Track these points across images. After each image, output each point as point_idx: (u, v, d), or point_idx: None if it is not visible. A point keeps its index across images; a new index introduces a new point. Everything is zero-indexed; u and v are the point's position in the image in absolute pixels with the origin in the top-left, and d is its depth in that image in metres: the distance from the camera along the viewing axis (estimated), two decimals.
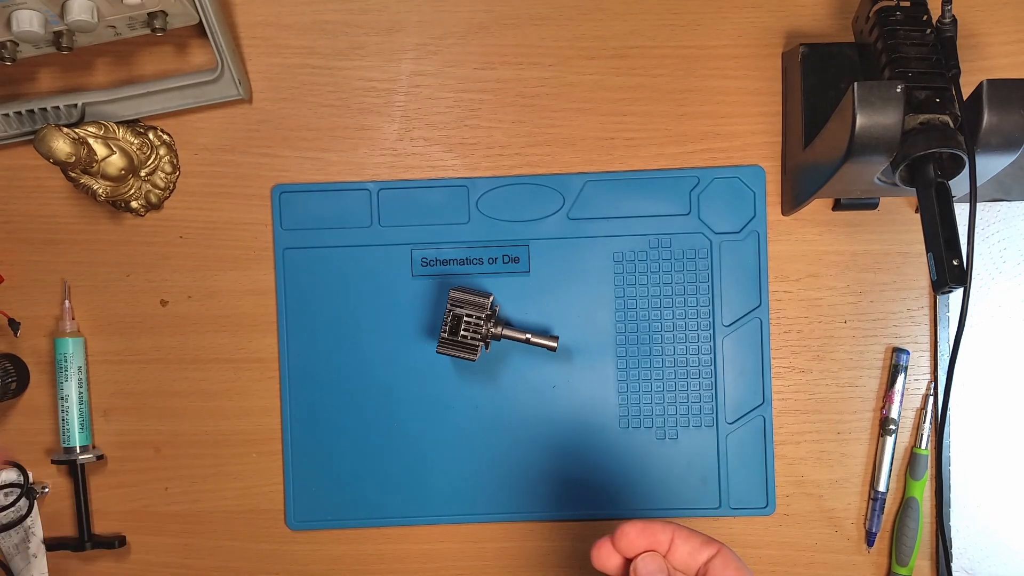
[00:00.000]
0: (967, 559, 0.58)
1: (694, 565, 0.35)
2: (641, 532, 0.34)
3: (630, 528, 0.34)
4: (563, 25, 0.58)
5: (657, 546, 0.35)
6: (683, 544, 0.34)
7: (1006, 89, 0.44)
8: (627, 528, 0.34)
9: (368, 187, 0.58)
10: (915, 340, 0.58)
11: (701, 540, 0.35)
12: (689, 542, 0.34)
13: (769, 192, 0.58)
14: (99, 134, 0.54)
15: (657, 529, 0.35)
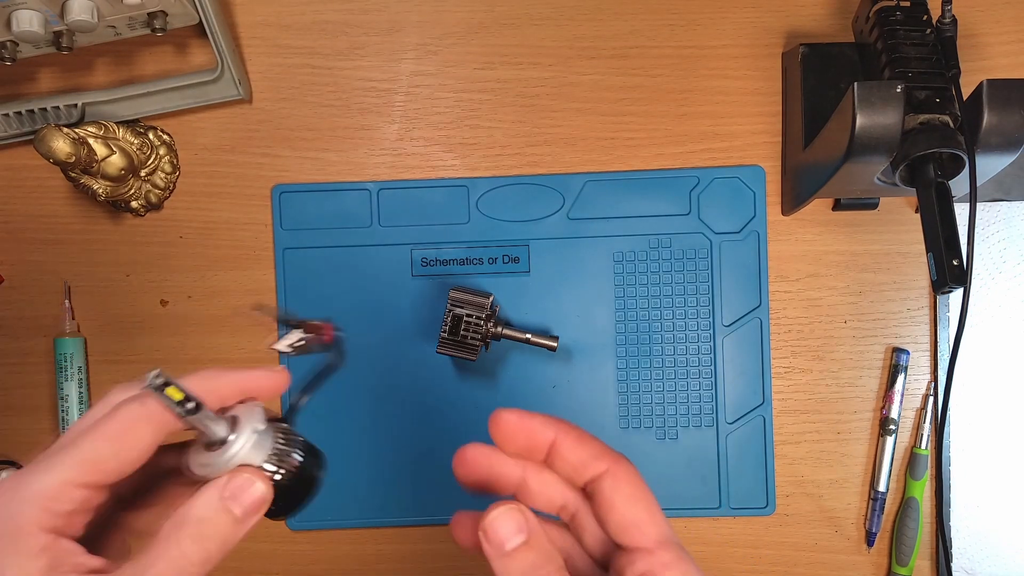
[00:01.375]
0: (967, 559, 0.58)
1: (579, 479, 0.28)
2: (519, 424, 0.28)
3: (508, 416, 0.28)
4: (563, 25, 0.58)
5: (534, 447, 0.28)
6: (569, 451, 0.28)
7: (1006, 89, 0.44)
8: (505, 415, 0.28)
9: (368, 187, 0.58)
10: (915, 340, 0.58)
11: (593, 451, 0.28)
12: (577, 451, 0.28)
13: (769, 192, 0.58)
14: (99, 134, 0.54)
15: (537, 425, 0.28)
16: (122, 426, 0.26)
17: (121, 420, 0.26)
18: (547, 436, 0.28)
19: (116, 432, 0.26)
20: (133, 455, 0.26)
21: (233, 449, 0.27)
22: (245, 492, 0.26)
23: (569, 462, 0.28)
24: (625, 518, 0.27)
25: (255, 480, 0.26)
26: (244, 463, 0.27)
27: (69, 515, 0.25)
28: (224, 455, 0.27)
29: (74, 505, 0.25)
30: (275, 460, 0.28)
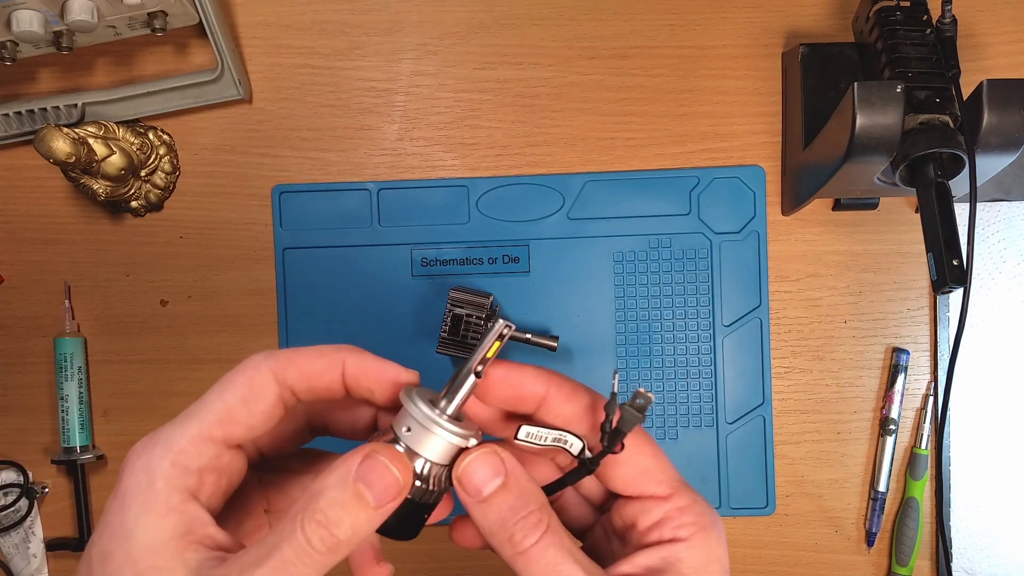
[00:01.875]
0: (967, 559, 0.57)
1: (580, 426, 0.27)
2: (506, 376, 0.27)
3: (495, 369, 0.26)
4: (563, 25, 0.58)
5: (523, 400, 0.27)
6: (564, 406, 0.26)
7: (1006, 89, 0.44)
8: (491, 369, 0.26)
9: (368, 187, 0.58)
10: (915, 340, 0.58)
11: (588, 403, 0.27)
12: (571, 405, 0.26)
13: (769, 192, 0.58)
14: (99, 134, 0.54)
15: (527, 378, 0.27)
16: (247, 377, 0.25)
17: (246, 371, 0.25)
18: (537, 390, 0.27)
19: (242, 383, 0.25)
20: (261, 406, 0.25)
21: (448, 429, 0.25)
22: (379, 475, 0.23)
23: (563, 417, 0.26)
24: (634, 468, 0.26)
25: (391, 466, 0.24)
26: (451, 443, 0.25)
27: (201, 472, 0.24)
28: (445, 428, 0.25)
29: (205, 460, 0.24)
30: (440, 470, 0.25)
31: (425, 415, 0.24)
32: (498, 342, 0.25)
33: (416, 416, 0.25)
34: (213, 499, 0.25)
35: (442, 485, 0.25)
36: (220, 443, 0.25)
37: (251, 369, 0.25)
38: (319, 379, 0.26)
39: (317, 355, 0.26)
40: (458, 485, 0.25)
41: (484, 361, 0.25)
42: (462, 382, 0.25)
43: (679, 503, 0.25)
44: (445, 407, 0.25)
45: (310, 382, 0.26)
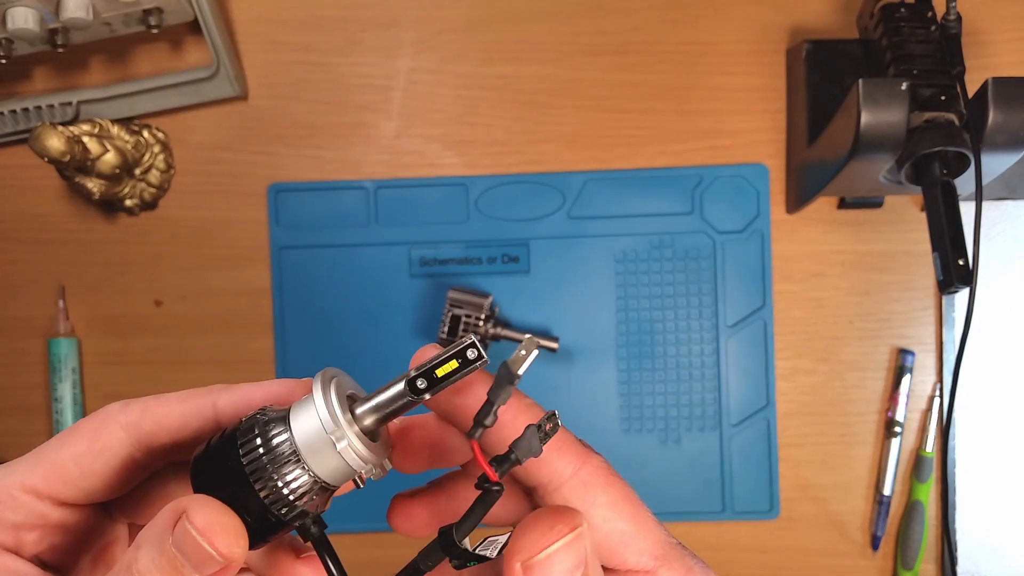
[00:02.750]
0: (973, 563, 0.57)
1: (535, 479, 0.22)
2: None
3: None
4: (564, 21, 0.58)
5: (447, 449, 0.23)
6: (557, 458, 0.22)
7: (1012, 87, 0.44)
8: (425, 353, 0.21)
9: (366, 185, 0.57)
10: (921, 341, 0.57)
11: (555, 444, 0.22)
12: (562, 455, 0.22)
13: (773, 190, 0.57)
14: (93, 132, 0.53)
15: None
16: (91, 431, 0.22)
17: (92, 423, 0.22)
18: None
19: (84, 435, 0.22)
20: (99, 467, 0.22)
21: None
22: (196, 550, 0.19)
23: (548, 473, 0.22)
24: (609, 534, 0.21)
25: (207, 545, 0.19)
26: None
27: (17, 529, 0.22)
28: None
29: (22, 516, 0.21)
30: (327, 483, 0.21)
31: (328, 415, 0.20)
32: (455, 362, 0.20)
33: (318, 412, 0.20)
34: (50, 555, 0.22)
35: (317, 509, 0.21)
36: (46, 500, 0.22)
37: (97, 422, 0.22)
38: (184, 429, 0.22)
39: (179, 401, 0.22)
40: (519, 571, 0.19)
41: (432, 380, 0.20)
42: (392, 392, 0.21)
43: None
44: (362, 415, 0.21)
45: (174, 434, 0.22)
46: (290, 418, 0.20)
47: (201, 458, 0.21)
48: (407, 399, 0.20)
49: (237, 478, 0.20)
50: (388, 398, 0.20)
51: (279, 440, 0.20)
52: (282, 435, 0.20)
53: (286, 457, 0.20)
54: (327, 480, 0.20)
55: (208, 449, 0.21)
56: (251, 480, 0.20)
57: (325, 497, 0.21)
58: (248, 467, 0.20)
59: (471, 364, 0.20)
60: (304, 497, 0.20)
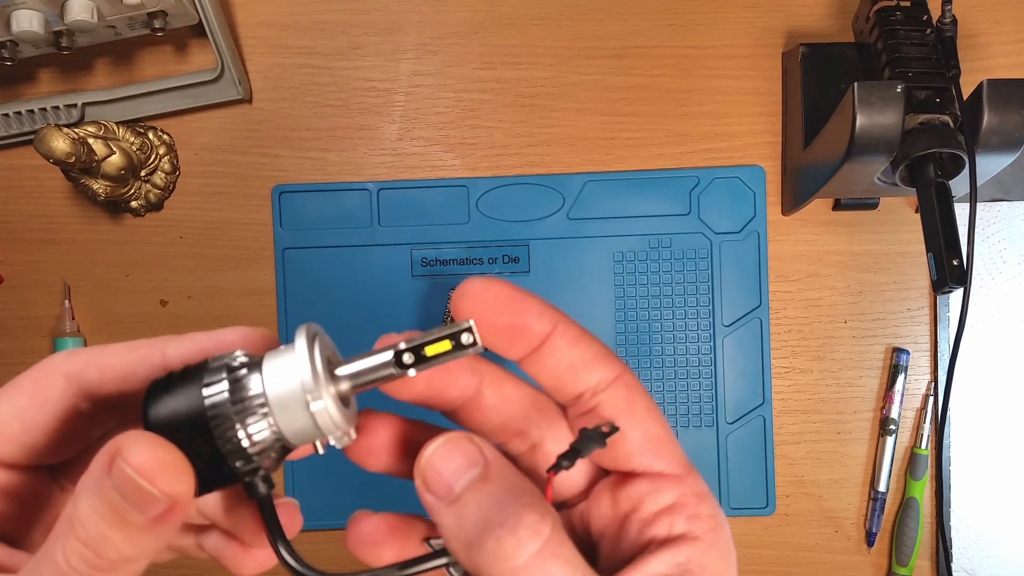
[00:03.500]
0: (967, 559, 0.57)
1: (573, 387, 0.20)
2: (510, 299, 0.20)
3: (492, 286, 0.20)
4: (563, 25, 0.58)
5: (519, 335, 0.20)
6: (569, 348, 0.20)
7: (1006, 89, 0.44)
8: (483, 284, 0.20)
9: (368, 187, 0.58)
10: (915, 340, 0.58)
11: (597, 351, 0.20)
12: (577, 349, 0.20)
13: (769, 192, 0.58)
14: (99, 134, 0.54)
15: (533, 307, 0.20)
16: (31, 383, 0.20)
17: (31, 375, 0.21)
18: (543, 326, 0.20)
19: (23, 389, 0.20)
20: (41, 419, 0.20)
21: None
22: (139, 494, 0.17)
23: (565, 362, 0.20)
24: (646, 435, 0.20)
25: (148, 486, 0.17)
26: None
27: None
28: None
29: None
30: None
31: (310, 371, 0.18)
32: (448, 343, 0.19)
33: (298, 367, 0.18)
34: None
35: (270, 468, 0.19)
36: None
37: (38, 373, 0.21)
38: (131, 379, 0.21)
39: (126, 350, 0.21)
40: (420, 484, 0.19)
41: (420, 357, 0.19)
42: (377, 361, 0.19)
43: (696, 488, 0.20)
44: (340, 377, 0.19)
45: (120, 383, 0.21)
46: (263, 367, 0.19)
47: (157, 390, 0.19)
48: (390, 371, 0.19)
49: (194, 421, 0.18)
50: (371, 366, 0.19)
51: (250, 388, 0.18)
52: (254, 384, 0.19)
53: (253, 408, 0.18)
54: (290, 439, 0.19)
55: (168, 381, 0.19)
56: (210, 425, 0.18)
57: (280, 456, 0.20)
58: (210, 411, 0.18)
59: (463, 348, 0.19)
60: (262, 453, 0.19)
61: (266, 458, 0.19)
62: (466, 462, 0.19)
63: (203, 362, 0.19)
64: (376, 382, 0.19)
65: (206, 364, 0.19)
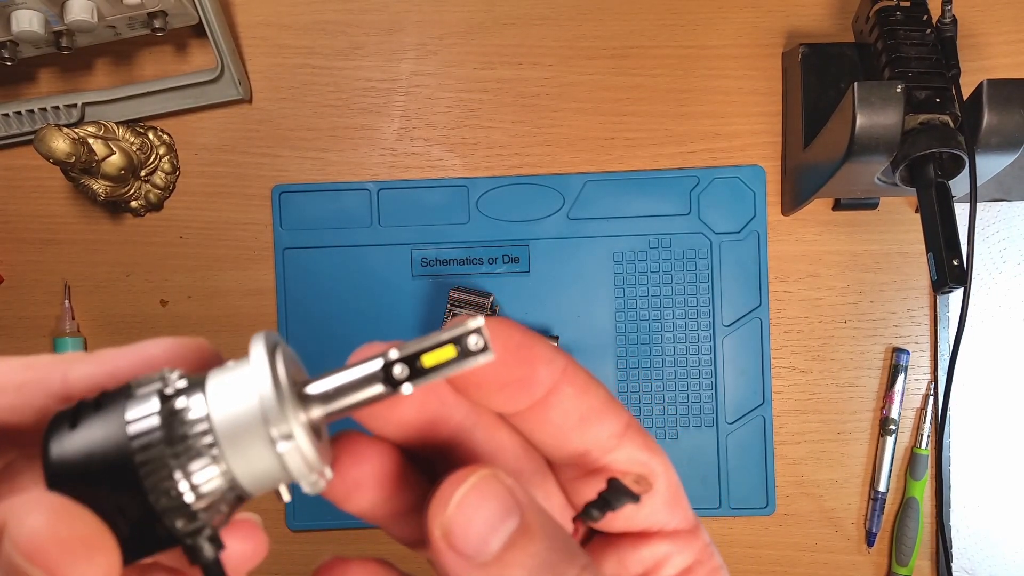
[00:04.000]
0: (967, 559, 0.57)
1: (579, 443, 0.17)
2: (518, 348, 0.16)
3: (502, 327, 0.16)
4: (563, 25, 0.58)
5: (524, 384, 0.16)
6: (576, 398, 0.17)
7: (1006, 89, 0.44)
8: (495, 324, 0.16)
9: (368, 187, 0.58)
10: (915, 340, 0.58)
11: (605, 398, 0.17)
12: (587, 397, 0.17)
13: (769, 192, 0.58)
14: (99, 134, 0.54)
15: (543, 352, 0.16)
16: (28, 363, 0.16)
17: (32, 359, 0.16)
18: (551, 374, 0.16)
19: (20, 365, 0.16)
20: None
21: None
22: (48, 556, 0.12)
23: (574, 415, 0.17)
24: (668, 490, 0.18)
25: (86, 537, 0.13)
26: None
27: None
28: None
29: None
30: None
31: (273, 396, 0.14)
32: (451, 349, 0.14)
33: (259, 390, 0.14)
34: None
35: (219, 525, 0.15)
36: None
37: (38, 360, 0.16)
38: (22, 409, 0.16)
39: (20, 368, 0.16)
40: (439, 538, 0.14)
41: (416, 369, 0.14)
42: (359, 374, 0.15)
43: (706, 538, 0.18)
44: (311, 398, 0.15)
45: (8, 413, 0.16)
46: (207, 391, 0.14)
47: (61, 426, 0.14)
48: (377, 389, 0.14)
49: (115, 468, 0.14)
50: (351, 381, 0.15)
51: (191, 420, 0.14)
52: (195, 412, 0.14)
53: (197, 448, 0.14)
54: (247, 486, 0.14)
55: (76, 414, 0.14)
56: (139, 474, 0.14)
57: (232, 508, 0.15)
58: (138, 453, 0.14)
59: (471, 356, 0.14)
60: (210, 508, 0.14)
61: (215, 513, 0.14)
62: (500, 509, 0.14)
63: (124, 386, 0.14)
64: (357, 406, 0.15)
65: (128, 389, 0.14)
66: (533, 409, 0.17)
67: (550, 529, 0.15)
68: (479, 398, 0.16)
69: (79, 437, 0.14)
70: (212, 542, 0.15)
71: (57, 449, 0.14)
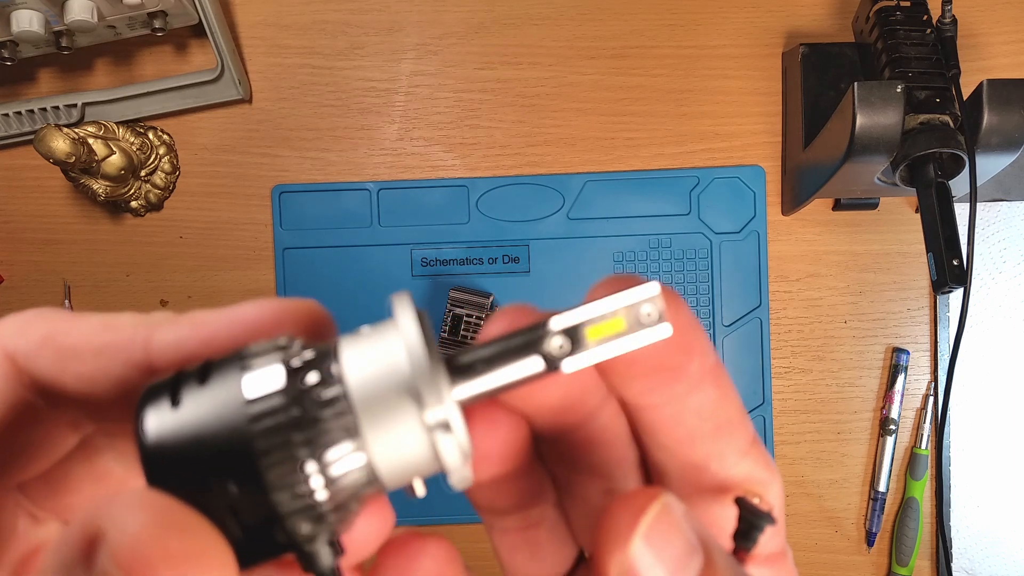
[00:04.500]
0: (967, 559, 0.57)
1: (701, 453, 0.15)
2: (682, 331, 0.13)
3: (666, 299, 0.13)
4: (563, 25, 0.58)
5: (680, 376, 0.14)
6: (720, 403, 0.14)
7: (1006, 89, 0.44)
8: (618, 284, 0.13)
9: (368, 187, 0.58)
10: (915, 340, 0.58)
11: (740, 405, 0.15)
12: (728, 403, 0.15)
13: (769, 192, 0.58)
14: (99, 134, 0.54)
15: (699, 343, 0.14)
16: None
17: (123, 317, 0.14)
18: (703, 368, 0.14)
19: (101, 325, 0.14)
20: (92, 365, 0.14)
21: None
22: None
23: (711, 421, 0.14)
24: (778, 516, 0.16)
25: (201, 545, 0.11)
26: None
27: None
28: None
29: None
30: None
31: (426, 369, 0.12)
32: (621, 319, 0.12)
33: (411, 360, 0.12)
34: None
35: (346, 524, 0.13)
36: None
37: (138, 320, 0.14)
38: (99, 377, 0.14)
39: (102, 328, 0.14)
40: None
41: (579, 343, 0.12)
42: (512, 345, 0.12)
43: (792, 563, 0.17)
44: (464, 377, 0.12)
45: (84, 381, 0.14)
46: (342, 363, 0.12)
47: (158, 402, 0.12)
48: (535, 367, 0.12)
49: (231, 461, 0.11)
50: (504, 358, 0.12)
51: (327, 399, 0.11)
52: (333, 390, 0.11)
53: (333, 434, 0.11)
54: (386, 480, 0.12)
55: (176, 387, 0.12)
56: (259, 466, 0.11)
57: (362, 506, 0.13)
58: (260, 440, 0.11)
59: (644, 330, 0.12)
60: (341, 507, 0.12)
61: (344, 513, 0.12)
62: (686, 547, 0.13)
63: (234, 354, 0.12)
64: (509, 387, 0.12)
65: (242, 358, 0.12)
66: (670, 405, 0.14)
67: (729, 564, 0.13)
68: (620, 381, 0.14)
69: (183, 417, 0.11)
70: (332, 547, 0.12)
71: (156, 432, 0.11)
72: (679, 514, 0.13)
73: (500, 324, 0.13)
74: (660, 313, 0.12)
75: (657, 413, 0.14)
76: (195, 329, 0.14)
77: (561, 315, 0.12)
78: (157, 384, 0.12)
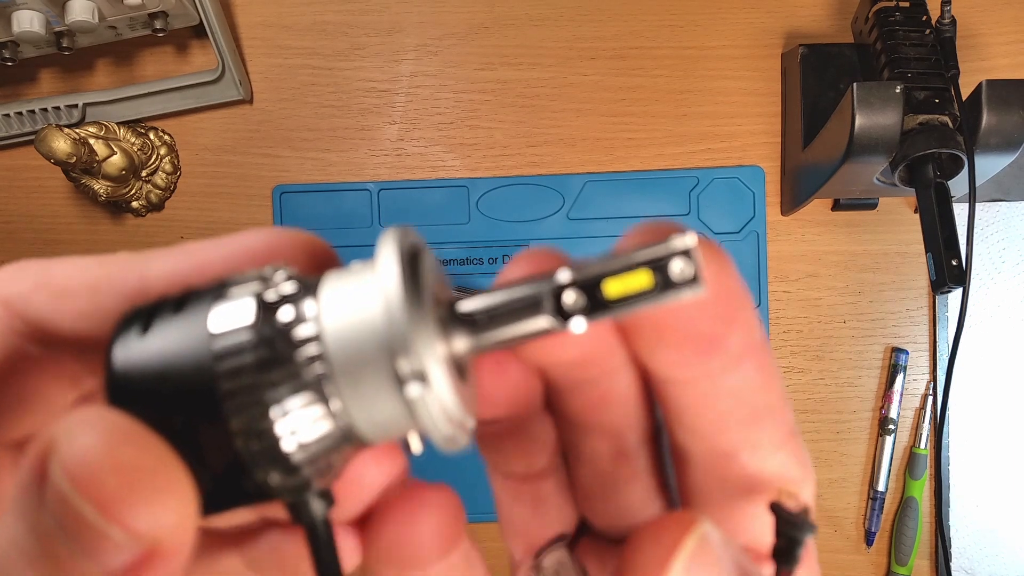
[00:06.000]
0: (966, 558, 0.58)
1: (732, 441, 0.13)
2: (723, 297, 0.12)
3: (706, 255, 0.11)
4: (563, 25, 0.58)
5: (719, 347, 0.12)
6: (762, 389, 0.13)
7: (1005, 89, 0.44)
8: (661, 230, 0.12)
9: (369, 187, 0.58)
10: (914, 340, 0.58)
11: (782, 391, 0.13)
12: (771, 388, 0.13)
13: (768, 192, 0.58)
14: (100, 134, 0.54)
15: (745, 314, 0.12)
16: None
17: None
18: (745, 343, 0.12)
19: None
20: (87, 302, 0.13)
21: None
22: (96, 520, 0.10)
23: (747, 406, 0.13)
24: None
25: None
26: None
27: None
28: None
29: None
30: None
31: (407, 318, 0.10)
32: (647, 276, 0.11)
33: (382, 301, 0.10)
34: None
35: (330, 476, 0.12)
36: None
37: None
38: (95, 313, 0.13)
39: (95, 264, 0.14)
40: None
41: (597, 301, 0.11)
42: (517, 295, 0.11)
43: (816, 563, 0.15)
44: (453, 328, 0.11)
45: (79, 319, 0.13)
46: (320, 300, 0.11)
47: (132, 326, 0.11)
48: (541, 324, 0.11)
49: (194, 397, 0.10)
50: (507, 309, 0.11)
51: (299, 339, 0.10)
52: (306, 330, 0.10)
53: (304, 379, 0.10)
54: (365, 433, 0.11)
55: (152, 313, 0.11)
56: (222, 408, 0.10)
57: (346, 459, 0.12)
58: (224, 381, 0.10)
59: (673, 288, 0.10)
60: (316, 458, 0.11)
61: (321, 466, 0.11)
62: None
63: (218, 283, 0.11)
64: (511, 341, 0.11)
65: (222, 288, 0.11)
66: (702, 382, 0.12)
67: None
68: (646, 348, 0.12)
69: (151, 345, 0.11)
70: (324, 498, 0.11)
71: (122, 355, 0.11)
72: (718, 545, 0.11)
73: (518, 268, 0.12)
74: (696, 270, 0.10)
75: (687, 390, 0.13)
76: (189, 258, 0.13)
77: (575, 265, 0.11)
78: (138, 308, 0.12)
